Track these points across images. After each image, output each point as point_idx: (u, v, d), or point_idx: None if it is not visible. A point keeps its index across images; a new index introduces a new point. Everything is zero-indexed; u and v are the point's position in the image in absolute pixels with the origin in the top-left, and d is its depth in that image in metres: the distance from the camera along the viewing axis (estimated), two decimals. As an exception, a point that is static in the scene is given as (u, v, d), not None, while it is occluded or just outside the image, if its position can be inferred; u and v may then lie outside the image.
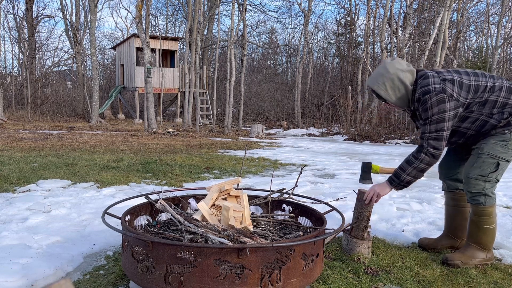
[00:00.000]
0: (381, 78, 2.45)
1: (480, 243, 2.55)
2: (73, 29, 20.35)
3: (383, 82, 2.45)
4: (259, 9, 33.92)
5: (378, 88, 2.46)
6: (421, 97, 2.37)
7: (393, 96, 2.47)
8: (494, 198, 2.49)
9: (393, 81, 2.44)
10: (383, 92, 2.46)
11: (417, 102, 2.41)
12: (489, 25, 17.86)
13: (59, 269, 2.35)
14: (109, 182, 4.82)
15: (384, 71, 2.46)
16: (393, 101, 2.48)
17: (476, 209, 2.49)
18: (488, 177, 2.44)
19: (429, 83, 2.37)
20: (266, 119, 21.66)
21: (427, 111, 2.35)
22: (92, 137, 10.70)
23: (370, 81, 2.52)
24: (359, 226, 2.59)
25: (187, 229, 2.10)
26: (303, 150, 9.83)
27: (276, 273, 1.91)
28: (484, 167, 2.43)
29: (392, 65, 2.45)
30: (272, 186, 3.02)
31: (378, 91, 2.46)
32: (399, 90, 2.45)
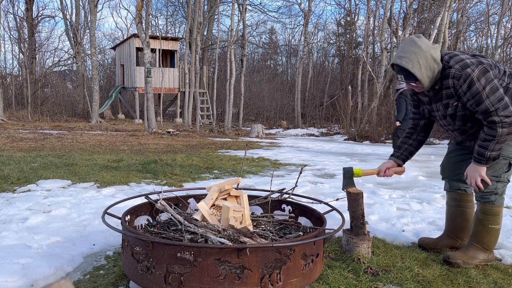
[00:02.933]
0: (414, 56, 2.26)
1: (483, 243, 2.54)
2: (73, 29, 20.35)
3: (417, 60, 2.27)
4: (259, 9, 33.98)
5: (412, 66, 2.26)
6: (461, 72, 2.24)
7: (425, 76, 2.30)
8: (503, 199, 2.51)
9: (427, 59, 2.28)
10: (418, 71, 2.27)
11: (454, 79, 2.27)
12: (489, 25, 17.87)
13: (59, 269, 2.35)
14: (109, 182, 4.82)
15: (416, 49, 2.27)
16: (425, 80, 2.31)
17: (485, 207, 2.48)
18: (501, 178, 2.44)
19: (463, 59, 2.28)
20: (266, 119, 21.67)
21: (474, 85, 2.22)
22: (92, 137, 10.70)
23: (399, 60, 2.29)
24: (356, 224, 2.60)
25: (187, 229, 2.10)
26: (303, 150, 9.83)
27: (276, 273, 1.91)
28: (497, 167, 2.42)
29: (423, 42, 2.29)
30: (272, 186, 3.02)
31: (412, 70, 2.26)
32: (431, 68, 2.30)
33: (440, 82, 2.36)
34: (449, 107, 2.39)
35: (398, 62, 2.30)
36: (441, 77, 2.35)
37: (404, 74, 2.33)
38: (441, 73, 2.34)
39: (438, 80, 2.36)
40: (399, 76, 2.36)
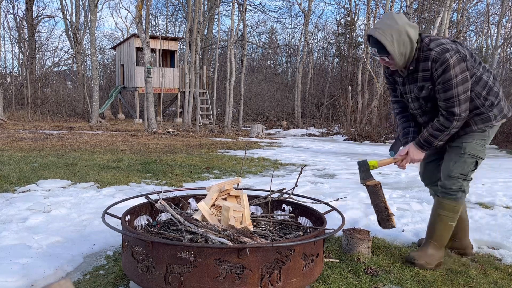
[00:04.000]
0: (388, 29, 2.24)
1: (440, 240, 2.55)
2: (73, 29, 20.34)
3: (391, 33, 2.25)
4: (259, 9, 33.96)
5: (384, 38, 2.24)
6: (440, 56, 2.23)
7: (397, 50, 2.27)
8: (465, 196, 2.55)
9: (400, 34, 2.26)
10: (389, 44, 2.25)
11: (433, 62, 2.25)
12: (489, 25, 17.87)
13: (59, 269, 2.35)
14: (109, 182, 4.82)
15: (392, 22, 2.26)
16: (396, 55, 2.28)
17: (449, 204, 2.48)
18: (467, 176, 2.47)
19: (443, 43, 2.27)
20: (266, 119, 21.66)
21: (448, 71, 2.22)
22: (92, 137, 10.70)
23: (374, 31, 2.27)
24: (382, 218, 2.55)
25: (187, 229, 2.10)
26: (303, 150, 9.83)
27: (276, 273, 1.91)
28: (465, 166, 2.45)
29: (400, 17, 2.28)
30: (272, 186, 3.02)
31: (384, 42, 2.24)
32: (403, 44, 2.27)
33: (415, 63, 2.34)
34: (424, 90, 2.37)
35: (372, 33, 2.28)
36: (417, 58, 2.33)
37: (377, 47, 2.30)
38: (418, 54, 2.32)
39: (414, 60, 2.34)
40: (371, 49, 2.35)
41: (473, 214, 3.72)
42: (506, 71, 19.05)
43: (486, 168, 7.12)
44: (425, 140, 2.41)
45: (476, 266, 2.55)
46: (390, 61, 2.35)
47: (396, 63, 2.33)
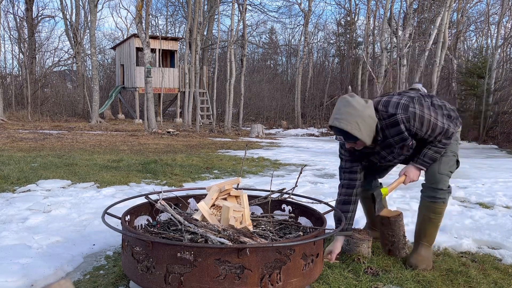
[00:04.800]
0: (350, 117, 2.20)
1: (430, 240, 2.60)
2: (73, 29, 20.34)
3: (355, 120, 2.21)
4: (259, 9, 33.94)
5: (350, 128, 2.20)
6: (408, 114, 2.25)
7: (365, 134, 2.25)
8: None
9: (363, 118, 2.22)
10: (356, 131, 2.22)
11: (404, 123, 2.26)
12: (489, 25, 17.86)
13: (59, 269, 2.35)
14: (109, 182, 4.82)
15: (352, 110, 2.22)
16: (365, 139, 2.26)
17: (439, 207, 2.51)
18: (452, 174, 2.52)
19: (397, 101, 2.29)
20: (266, 119, 21.66)
21: (424, 118, 2.27)
22: (92, 137, 10.70)
23: (338, 121, 2.22)
24: (398, 246, 2.58)
25: (187, 229, 2.10)
26: (303, 150, 9.83)
27: (276, 273, 1.91)
28: (451, 163, 2.49)
29: (357, 101, 2.24)
30: (272, 186, 3.02)
31: (351, 131, 2.21)
32: (370, 127, 2.25)
33: (382, 132, 2.32)
34: (405, 147, 2.38)
35: (336, 124, 2.24)
36: (382, 128, 2.31)
37: (343, 135, 2.27)
38: (381, 124, 2.30)
39: (379, 131, 2.31)
40: (337, 136, 2.32)
41: (473, 214, 3.72)
42: (506, 71, 19.05)
43: (486, 168, 7.12)
44: (430, 158, 2.41)
45: (476, 266, 2.55)
46: (358, 144, 2.32)
47: (365, 144, 2.31)
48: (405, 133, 2.29)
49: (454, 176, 6.32)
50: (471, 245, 2.93)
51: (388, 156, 2.47)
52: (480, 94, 13.91)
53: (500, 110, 14.08)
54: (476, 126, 13.87)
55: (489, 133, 13.67)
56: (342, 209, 2.53)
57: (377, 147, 2.42)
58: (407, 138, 2.32)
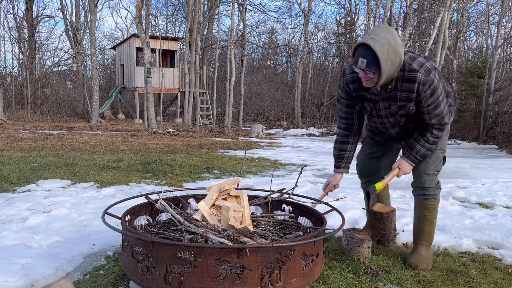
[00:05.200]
0: (386, 44, 2.06)
1: (429, 239, 2.60)
2: (73, 29, 20.34)
3: (387, 49, 2.06)
4: (259, 9, 33.95)
5: (381, 53, 2.05)
6: (426, 78, 2.17)
7: (387, 70, 2.10)
8: None
9: (395, 53, 2.09)
10: (384, 60, 2.07)
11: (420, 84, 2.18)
12: (489, 25, 17.86)
13: (59, 269, 2.35)
14: (109, 182, 4.82)
15: (390, 38, 2.08)
16: (384, 75, 2.11)
17: (431, 203, 2.52)
18: (440, 171, 2.52)
19: (423, 62, 2.21)
20: (266, 119, 21.66)
21: (436, 91, 2.20)
22: (92, 137, 10.70)
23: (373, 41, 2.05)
24: (388, 238, 2.59)
25: (187, 229, 2.10)
26: (303, 150, 9.83)
27: (276, 273, 1.91)
28: (438, 162, 2.49)
29: (398, 36, 2.11)
30: (272, 186, 3.02)
31: (380, 57, 2.05)
32: (393, 65, 2.12)
33: (395, 83, 2.23)
34: (404, 109, 2.31)
35: (370, 43, 2.06)
36: (397, 78, 2.22)
37: (368, 59, 2.08)
38: (399, 73, 2.21)
39: (394, 79, 2.22)
40: (360, 60, 2.11)
41: (473, 214, 3.72)
42: (506, 71, 19.04)
43: (486, 168, 7.12)
44: (422, 155, 2.41)
45: (476, 266, 2.55)
46: (373, 78, 2.16)
47: (379, 81, 2.17)
48: (414, 95, 2.22)
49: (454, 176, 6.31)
50: (471, 245, 2.93)
51: (383, 111, 2.38)
52: (480, 94, 13.91)
53: (500, 110, 14.08)
54: (476, 126, 13.87)
55: (489, 133, 13.67)
56: (340, 148, 2.58)
57: (380, 96, 2.33)
58: (412, 101, 2.25)
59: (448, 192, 4.68)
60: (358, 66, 2.14)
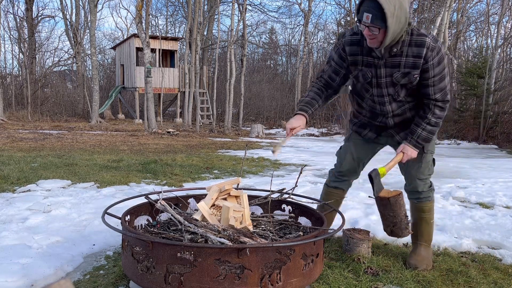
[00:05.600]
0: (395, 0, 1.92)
1: (428, 239, 2.59)
2: (73, 29, 20.34)
3: (395, 5, 1.93)
4: (259, 9, 33.93)
5: (388, 6, 1.91)
6: (435, 45, 2.08)
7: (393, 26, 1.96)
8: None
9: (401, 8, 1.95)
10: (390, 14, 1.93)
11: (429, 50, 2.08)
12: (489, 25, 17.86)
13: (59, 269, 2.35)
14: (109, 182, 4.82)
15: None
16: (391, 31, 1.98)
17: (426, 205, 2.52)
18: (431, 176, 2.50)
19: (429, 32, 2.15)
20: (266, 119, 21.66)
21: (443, 61, 2.12)
22: (92, 137, 10.70)
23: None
24: (400, 227, 2.39)
25: (187, 229, 2.10)
26: (303, 150, 9.83)
27: (276, 273, 1.91)
28: (429, 166, 2.46)
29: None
30: (272, 186, 3.02)
31: (387, 10, 1.92)
32: (400, 21, 1.97)
33: (401, 47, 2.11)
34: (407, 77, 2.16)
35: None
36: (404, 42, 2.09)
37: (374, 13, 1.95)
38: (405, 38, 2.09)
39: (400, 42, 2.09)
40: (364, 15, 1.97)
41: (473, 214, 3.72)
42: (506, 71, 19.04)
43: (486, 168, 7.12)
44: (424, 139, 2.28)
45: (476, 266, 2.55)
46: (378, 36, 2.02)
47: (385, 40, 2.02)
48: (421, 61, 2.10)
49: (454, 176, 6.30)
50: (471, 245, 2.93)
51: (384, 78, 2.22)
52: (480, 94, 13.91)
53: (500, 110, 14.08)
54: (476, 126, 13.87)
55: (489, 133, 13.67)
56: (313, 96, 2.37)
57: (383, 60, 2.18)
58: (418, 68, 2.12)
59: (448, 192, 4.68)
60: (363, 23, 2.00)
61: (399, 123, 2.40)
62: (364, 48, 2.21)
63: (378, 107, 2.36)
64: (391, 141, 2.53)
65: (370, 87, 2.31)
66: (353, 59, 2.27)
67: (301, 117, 2.31)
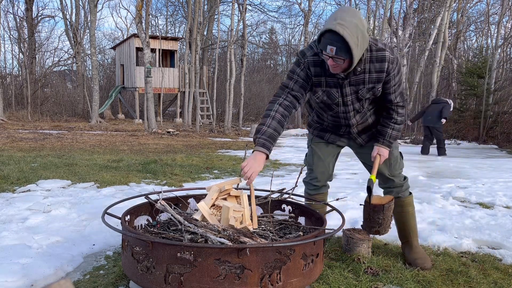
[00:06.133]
0: (354, 29, 1.92)
1: (417, 233, 2.67)
2: (73, 29, 20.34)
3: (357, 34, 1.94)
4: (259, 9, 34.00)
5: (351, 39, 1.92)
6: (393, 56, 2.16)
7: (358, 54, 2.00)
8: None
9: (363, 36, 1.98)
10: (355, 48, 1.95)
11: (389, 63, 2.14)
12: (489, 25, 17.85)
13: (59, 269, 2.35)
14: (109, 182, 4.82)
15: (357, 21, 1.94)
16: (356, 60, 2.01)
17: (409, 199, 2.59)
18: (402, 169, 2.59)
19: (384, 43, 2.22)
20: (266, 119, 21.63)
21: (400, 69, 2.26)
22: (92, 137, 10.70)
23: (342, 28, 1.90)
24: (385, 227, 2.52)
25: (187, 229, 2.10)
26: (303, 150, 9.81)
27: (276, 273, 1.90)
28: (399, 160, 2.56)
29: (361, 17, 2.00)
30: (272, 186, 3.02)
31: (352, 45, 1.93)
32: (363, 48, 2.02)
33: (364, 65, 2.14)
34: (372, 91, 2.22)
35: (339, 30, 1.90)
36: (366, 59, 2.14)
37: (338, 46, 1.94)
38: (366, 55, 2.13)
39: (362, 61, 2.12)
40: (328, 47, 1.96)
41: (473, 214, 3.72)
42: (506, 71, 19.04)
43: (486, 168, 7.12)
44: (394, 137, 2.43)
45: (476, 266, 2.55)
46: (341, 65, 2.04)
47: (350, 67, 2.07)
48: (384, 74, 2.17)
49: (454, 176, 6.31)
50: (471, 245, 2.93)
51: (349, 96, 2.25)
52: (480, 94, 13.91)
53: (500, 110, 14.09)
54: (476, 126, 13.87)
55: (489, 133, 13.67)
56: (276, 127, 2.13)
57: (347, 80, 2.20)
58: (381, 82, 2.19)
59: (448, 192, 4.68)
60: (326, 54, 2.00)
61: (361, 130, 2.51)
62: (327, 70, 2.19)
63: (342, 121, 2.44)
64: (352, 143, 2.62)
65: (336, 107, 2.35)
66: (317, 80, 2.26)
67: (262, 158, 2.09)
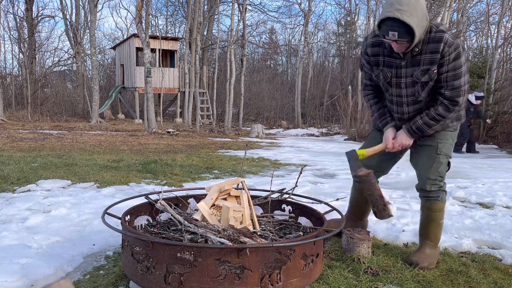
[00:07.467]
0: (414, 11, 1.98)
1: (435, 239, 2.59)
2: (73, 29, 20.33)
3: (417, 14, 1.99)
4: (259, 9, 33.87)
5: (413, 21, 1.97)
6: (453, 40, 2.12)
7: (419, 34, 2.03)
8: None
9: (423, 16, 2.01)
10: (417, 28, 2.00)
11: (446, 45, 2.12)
12: (489, 25, 17.86)
13: (59, 269, 2.35)
14: (109, 182, 4.82)
15: (416, 3, 2.00)
16: (417, 39, 2.06)
17: (435, 205, 2.52)
18: (445, 176, 2.50)
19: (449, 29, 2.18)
20: (266, 119, 21.66)
21: (459, 58, 2.15)
22: (92, 137, 10.70)
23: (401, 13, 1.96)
24: (378, 208, 2.45)
25: (187, 229, 2.10)
26: (303, 150, 9.83)
27: (276, 273, 1.90)
28: (442, 167, 2.46)
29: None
30: (272, 186, 3.02)
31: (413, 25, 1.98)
32: (423, 28, 2.06)
33: (421, 45, 2.17)
34: (427, 74, 2.21)
35: (398, 16, 1.98)
36: (424, 40, 2.15)
37: (400, 30, 2.02)
38: (425, 36, 2.15)
39: (420, 42, 2.15)
40: (390, 33, 2.05)
41: (473, 214, 3.72)
42: (506, 71, 19.04)
43: (486, 168, 7.12)
44: (418, 127, 2.34)
45: (476, 266, 2.55)
46: (405, 44, 2.12)
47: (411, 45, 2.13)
48: (438, 56, 2.14)
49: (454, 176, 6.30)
50: (471, 245, 2.93)
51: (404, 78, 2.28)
52: (480, 94, 13.89)
53: (500, 110, 14.08)
54: (476, 126, 13.87)
55: (489, 133, 13.67)
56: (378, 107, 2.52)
57: (404, 61, 2.25)
58: (435, 63, 2.17)
59: (448, 192, 4.67)
60: (388, 38, 2.09)
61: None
62: (386, 49, 2.29)
63: (395, 107, 2.44)
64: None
65: (389, 87, 2.39)
66: (375, 59, 2.36)
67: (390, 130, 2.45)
